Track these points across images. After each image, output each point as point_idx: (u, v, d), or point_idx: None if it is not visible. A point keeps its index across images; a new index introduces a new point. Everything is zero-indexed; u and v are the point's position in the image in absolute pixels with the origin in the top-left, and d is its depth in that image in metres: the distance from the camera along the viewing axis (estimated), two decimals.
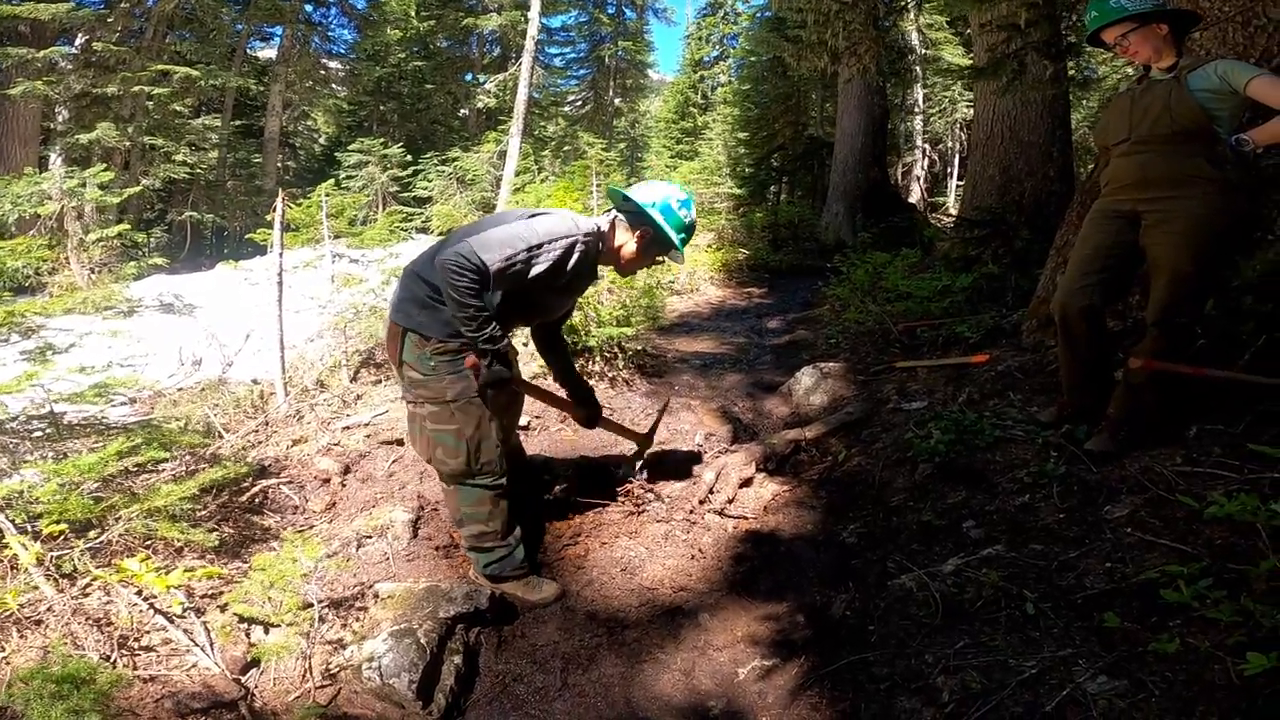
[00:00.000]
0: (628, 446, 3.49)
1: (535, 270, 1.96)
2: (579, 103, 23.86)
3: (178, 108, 12.42)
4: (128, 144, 11.09)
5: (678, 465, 3.17)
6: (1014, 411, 2.85)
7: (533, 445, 3.49)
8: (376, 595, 2.35)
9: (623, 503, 2.81)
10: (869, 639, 2.03)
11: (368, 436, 3.73)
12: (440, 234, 6.11)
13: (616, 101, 23.52)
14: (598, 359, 4.35)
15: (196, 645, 1.93)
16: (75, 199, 7.10)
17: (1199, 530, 1.87)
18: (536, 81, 18.15)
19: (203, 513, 2.67)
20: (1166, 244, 2.22)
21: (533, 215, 2.09)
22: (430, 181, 14.51)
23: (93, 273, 7.45)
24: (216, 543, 2.34)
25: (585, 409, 2.65)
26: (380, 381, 4.50)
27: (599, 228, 2.18)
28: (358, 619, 2.24)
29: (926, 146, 16.93)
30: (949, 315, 4.56)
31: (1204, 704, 1.40)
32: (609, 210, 2.34)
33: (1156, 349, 2.29)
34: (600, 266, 2.36)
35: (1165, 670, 1.51)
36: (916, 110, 16.62)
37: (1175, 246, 2.20)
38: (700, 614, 2.29)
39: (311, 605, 2.04)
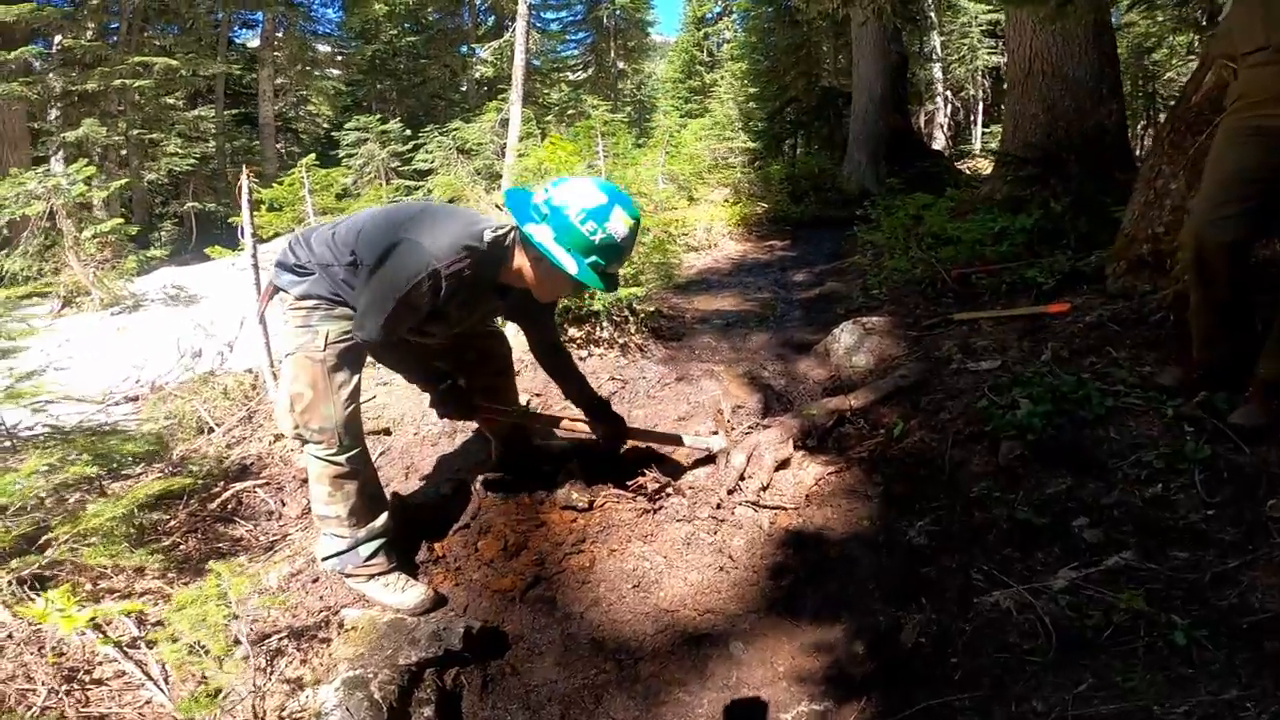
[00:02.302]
0: (645, 424, 3.00)
1: (424, 309, 1.77)
2: (581, 67, 23.42)
3: (170, 100, 12.58)
4: (119, 139, 11.06)
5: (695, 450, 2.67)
6: (1121, 373, 2.28)
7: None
8: (341, 624, 1.94)
9: (635, 499, 2.32)
10: (952, 676, 1.56)
11: None
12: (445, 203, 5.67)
13: (620, 64, 23.11)
14: (605, 324, 3.82)
15: (150, 679, 1.73)
16: (62, 197, 6.97)
17: None
18: (533, 47, 17.85)
19: (173, 523, 2.46)
20: None
21: (392, 246, 1.73)
22: (431, 154, 14.14)
23: (98, 268, 7.30)
24: (162, 562, 2.09)
25: (604, 423, 2.36)
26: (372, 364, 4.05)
27: (482, 244, 1.75)
28: (320, 653, 1.85)
29: (949, 94, 16.81)
30: (1009, 260, 3.95)
31: None
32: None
33: None
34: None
35: None
36: (935, 58, 16.40)
37: None
38: (731, 642, 1.82)
39: (249, 642, 1.72)
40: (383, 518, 2.04)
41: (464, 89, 20.74)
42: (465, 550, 2.23)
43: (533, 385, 3.54)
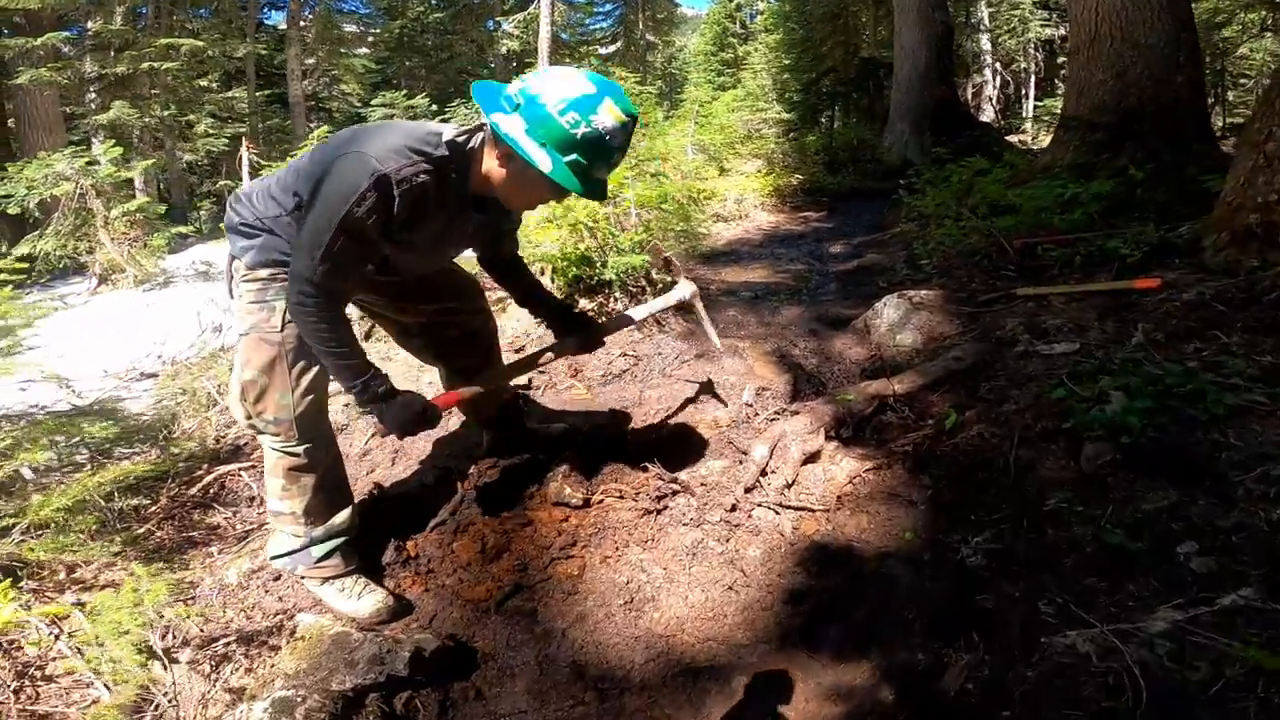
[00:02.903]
0: (658, 406, 2.66)
1: (377, 236, 1.43)
2: (609, 40, 23.12)
3: (203, 83, 12.67)
4: (153, 121, 11.21)
5: (713, 438, 2.33)
6: (1237, 363, 1.85)
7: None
8: (293, 631, 1.70)
9: (637, 497, 1.99)
10: None
11: (346, 405, 3.13)
12: None
13: (649, 36, 22.76)
14: (618, 294, 3.47)
15: (99, 678, 1.60)
16: (90, 177, 7.02)
17: None
18: (559, 19, 17.56)
19: (154, 509, 2.33)
20: None
21: (330, 164, 1.42)
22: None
23: (130, 246, 7.40)
24: (126, 550, 1.98)
25: (576, 332, 1.95)
26: (375, 337, 3.80)
27: (439, 147, 1.43)
28: (266, 663, 1.62)
29: (998, 65, 16.15)
30: (1081, 230, 3.45)
31: None
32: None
33: None
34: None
35: None
36: (983, 28, 15.81)
37: None
38: (735, 677, 1.49)
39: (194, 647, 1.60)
40: (343, 515, 1.78)
41: (491, 64, 20.62)
42: (440, 551, 1.95)
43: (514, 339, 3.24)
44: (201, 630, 1.69)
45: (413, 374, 3.17)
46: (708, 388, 2.75)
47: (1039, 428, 1.92)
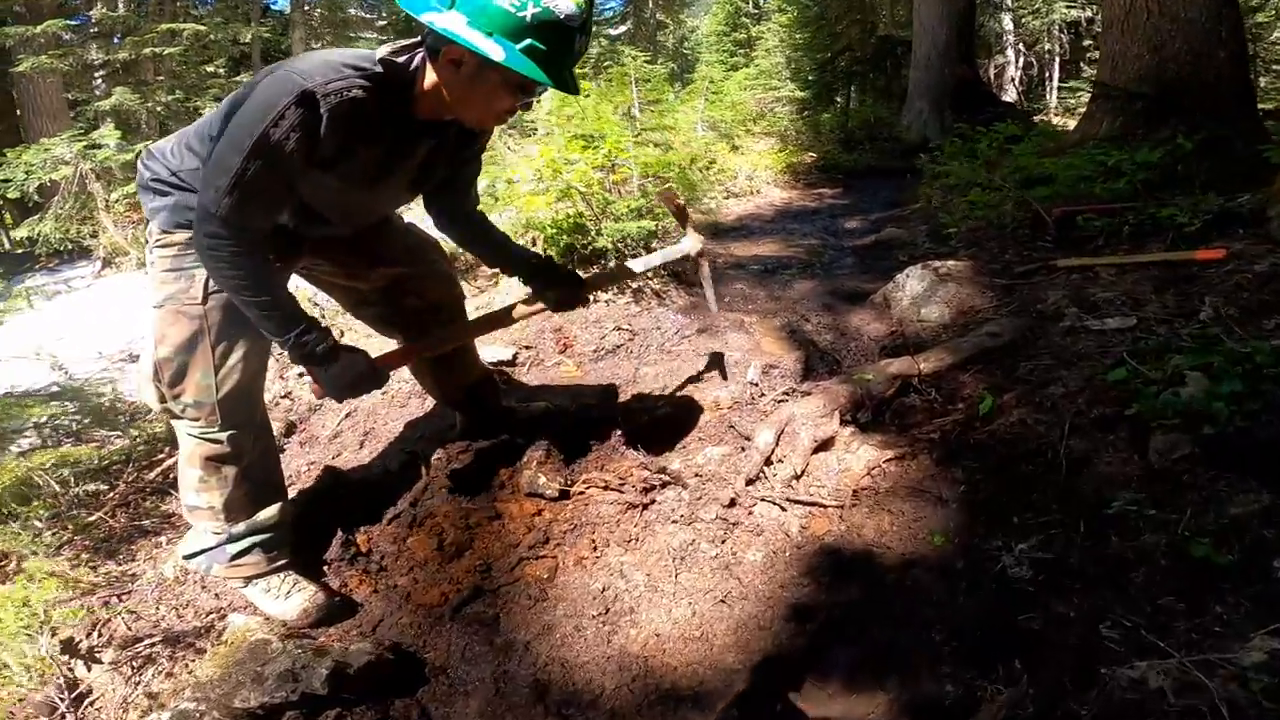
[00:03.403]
0: (653, 385, 2.42)
1: (297, 165, 1.20)
2: (619, 20, 22.55)
3: (210, 69, 12.42)
4: (158, 107, 11.08)
5: (712, 422, 2.06)
6: None
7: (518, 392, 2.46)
8: (221, 632, 1.51)
9: (622, 488, 1.72)
10: None
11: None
12: None
13: (658, 15, 22.13)
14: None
15: (28, 670, 1.46)
16: (89, 161, 6.84)
17: None
18: None
19: (110, 495, 2.19)
20: None
21: (250, 89, 1.22)
22: None
23: (134, 228, 7.30)
24: (63, 542, 1.83)
25: (554, 286, 1.72)
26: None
27: (372, 64, 1.23)
28: (187, 667, 1.44)
29: (1021, 46, 15.62)
30: (1128, 199, 3.13)
31: None
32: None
33: None
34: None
35: None
36: (1005, 7, 15.31)
37: None
38: (722, 709, 1.23)
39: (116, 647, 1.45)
40: (270, 510, 1.55)
41: None
42: (394, 546, 1.70)
43: (524, 336, 2.97)
44: (129, 628, 1.53)
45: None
46: (714, 363, 2.48)
47: (1094, 414, 1.63)
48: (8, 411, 2.35)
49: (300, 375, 3.10)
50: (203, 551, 1.51)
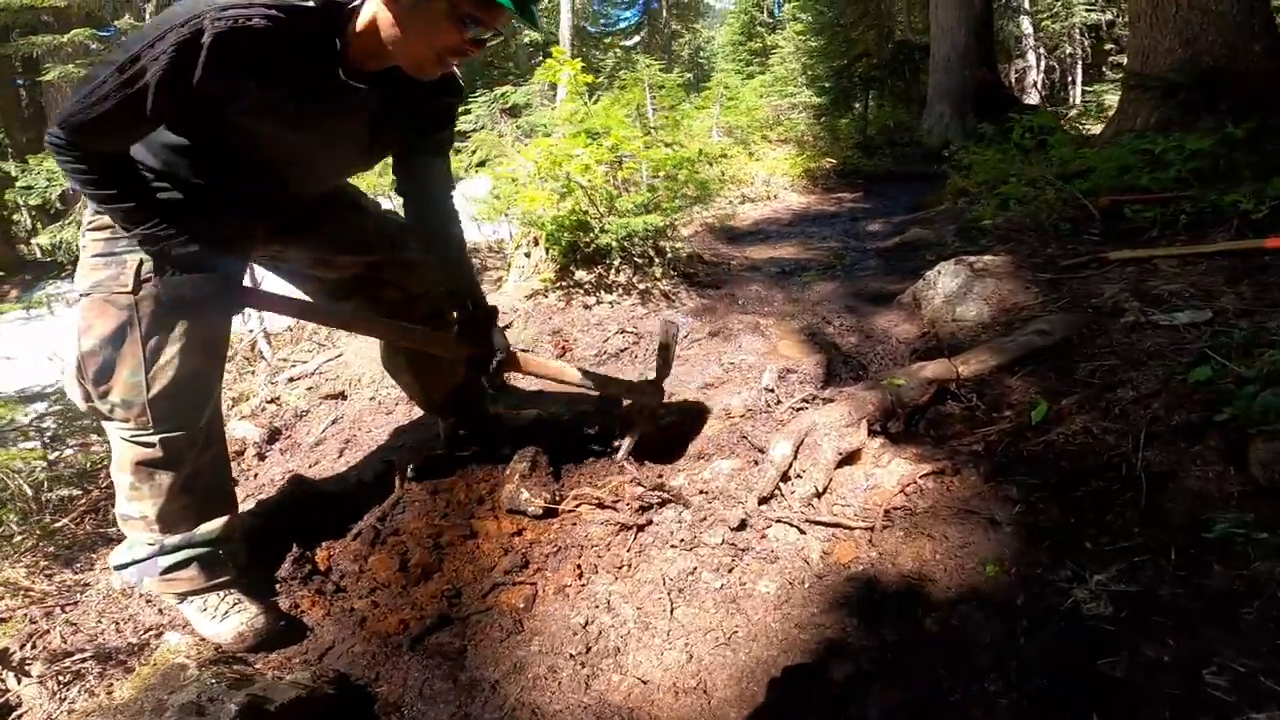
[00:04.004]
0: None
1: (150, 95, 1.01)
2: (633, 30, 22.92)
3: None
4: None
5: (722, 432, 1.83)
6: None
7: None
8: (155, 651, 1.38)
9: (616, 506, 1.49)
10: None
11: (309, 389, 2.78)
12: (477, 164, 4.94)
13: (673, 24, 22.32)
14: (618, 264, 2.99)
15: None
16: None
17: None
18: (581, 8, 17.28)
19: (82, 501, 2.13)
20: None
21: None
22: (476, 116, 13.96)
23: None
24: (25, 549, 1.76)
25: (477, 344, 1.56)
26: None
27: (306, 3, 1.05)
28: (113, 686, 1.31)
29: (1042, 50, 15.44)
30: (1180, 188, 2.86)
31: None
32: None
33: None
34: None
35: None
36: (1023, 11, 15.14)
37: None
38: None
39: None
40: (213, 525, 1.37)
41: (516, 55, 20.45)
42: (355, 565, 1.49)
43: (521, 339, 2.77)
44: (65, 641, 1.45)
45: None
46: (727, 367, 2.25)
47: (1175, 420, 1.37)
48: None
49: (289, 381, 2.96)
50: (134, 563, 1.35)
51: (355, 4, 1.08)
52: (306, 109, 1.13)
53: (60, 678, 1.33)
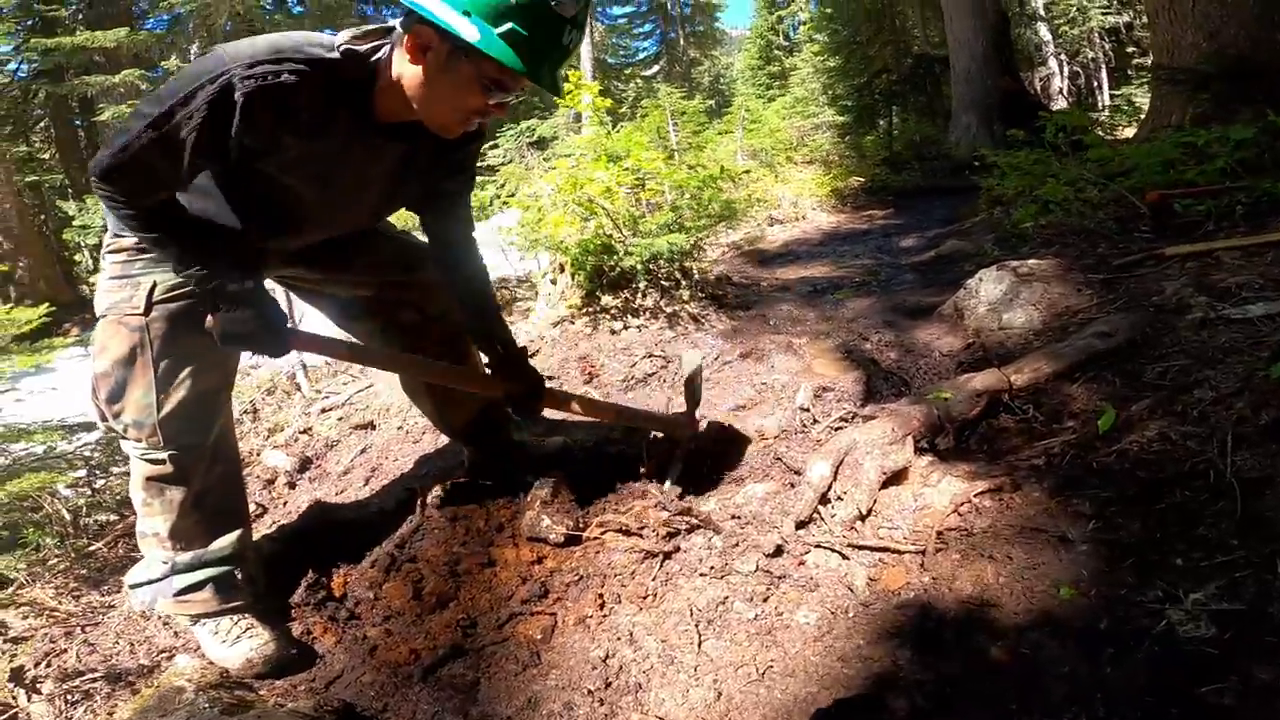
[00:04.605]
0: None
1: (187, 154, 1.03)
2: (650, 57, 23.49)
3: None
4: None
5: (755, 455, 1.73)
6: None
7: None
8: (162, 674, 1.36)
9: (642, 533, 1.40)
10: None
11: (340, 420, 2.79)
12: (507, 197, 5.04)
13: (691, 52, 22.73)
14: (644, 287, 2.93)
15: None
16: None
17: None
18: (599, 40, 17.71)
19: (119, 526, 2.17)
20: None
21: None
22: (503, 150, 14.36)
23: None
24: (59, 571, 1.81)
25: (516, 381, 1.54)
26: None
27: (324, 49, 1.06)
28: (117, 706, 1.30)
29: (1064, 57, 15.20)
30: (1229, 179, 2.69)
31: None
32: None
33: None
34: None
35: None
36: (1040, 18, 15.02)
37: None
38: None
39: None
40: (225, 541, 1.37)
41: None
42: (370, 592, 1.43)
43: (547, 365, 2.72)
44: (80, 661, 1.46)
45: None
46: (759, 388, 2.15)
47: (1263, 420, 1.22)
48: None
49: (322, 412, 2.97)
50: (149, 582, 1.36)
51: (378, 56, 1.09)
52: (335, 159, 1.14)
53: (69, 697, 1.33)
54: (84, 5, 10.76)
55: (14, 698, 1.35)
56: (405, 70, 1.06)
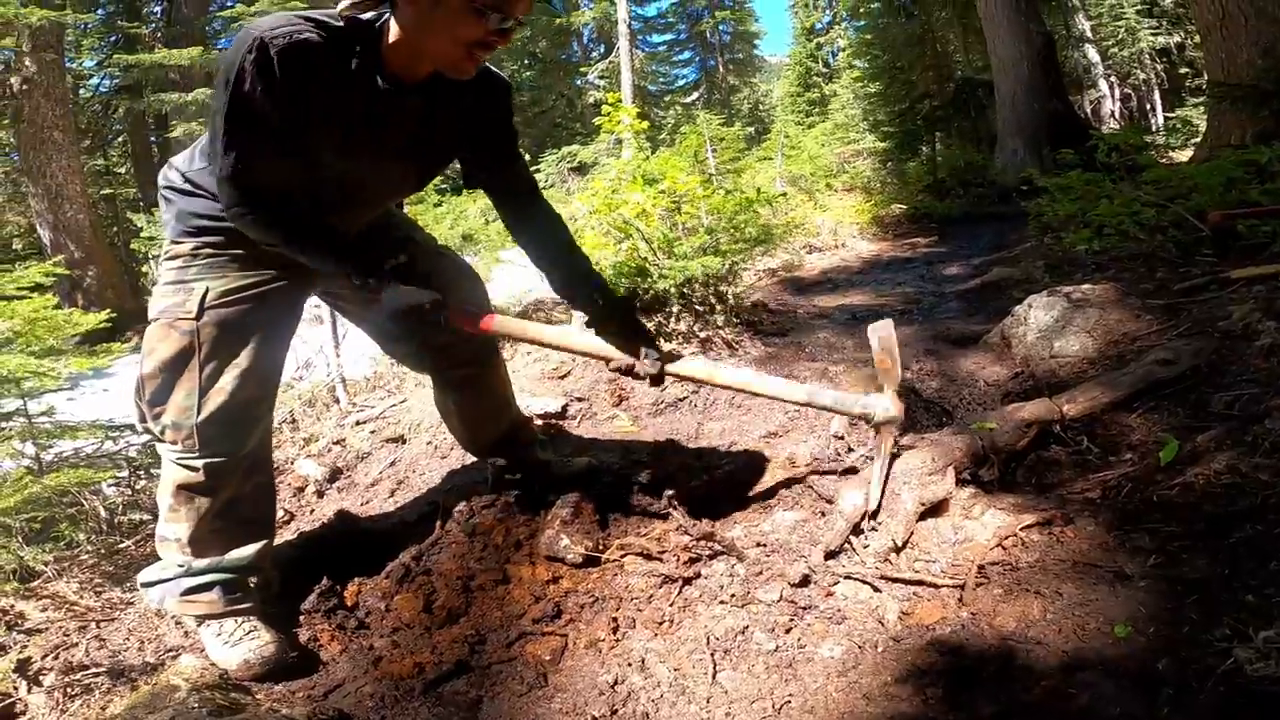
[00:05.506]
0: (718, 442, 2.07)
1: (270, 106, 1.10)
2: (690, 84, 23.68)
3: None
4: None
5: (785, 482, 1.67)
6: None
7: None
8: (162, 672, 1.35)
9: (662, 557, 1.34)
10: None
11: (372, 432, 2.83)
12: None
13: (730, 79, 22.84)
14: (678, 311, 2.91)
15: None
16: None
17: None
18: (639, 67, 18.01)
19: (152, 527, 2.09)
20: None
21: None
22: (544, 172, 14.71)
23: None
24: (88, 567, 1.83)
25: (622, 335, 1.38)
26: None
27: (331, 17, 1.13)
28: (113, 701, 1.30)
29: (1114, 79, 14.72)
30: None
31: None
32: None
33: None
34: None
35: None
36: (1087, 40, 14.62)
37: None
38: None
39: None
40: (244, 552, 1.37)
41: (582, 115, 21.40)
42: (381, 602, 1.41)
43: (578, 387, 2.71)
44: (87, 655, 1.46)
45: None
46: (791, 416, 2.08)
47: None
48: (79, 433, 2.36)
49: (356, 424, 3.03)
50: (160, 582, 1.36)
51: (380, 22, 1.13)
52: (359, 120, 1.17)
53: (69, 690, 1.33)
54: (163, 24, 11.34)
55: (15, 688, 1.37)
56: (406, 19, 1.10)
